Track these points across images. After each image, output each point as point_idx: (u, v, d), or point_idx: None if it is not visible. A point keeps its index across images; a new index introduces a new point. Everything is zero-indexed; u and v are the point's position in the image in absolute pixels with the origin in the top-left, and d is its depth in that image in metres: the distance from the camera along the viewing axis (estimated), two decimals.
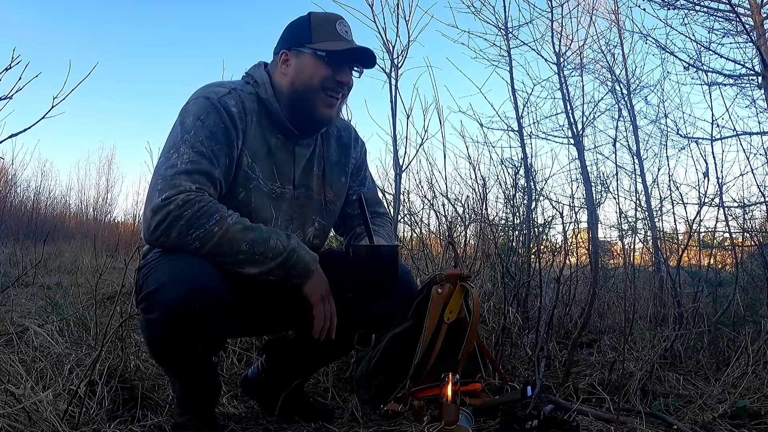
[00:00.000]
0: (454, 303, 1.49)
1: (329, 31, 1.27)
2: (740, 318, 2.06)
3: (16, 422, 1.15)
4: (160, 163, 1.15)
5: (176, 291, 1.06)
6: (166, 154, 1.16)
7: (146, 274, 1.14)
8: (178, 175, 1.11)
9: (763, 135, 2.96)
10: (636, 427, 1.32)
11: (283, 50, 1.29)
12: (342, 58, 1.26)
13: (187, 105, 1.21)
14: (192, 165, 1.13)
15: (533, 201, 2.97)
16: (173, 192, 1.09)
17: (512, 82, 3.03)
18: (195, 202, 1.09)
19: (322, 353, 1.46)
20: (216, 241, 1.10)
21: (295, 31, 1.30)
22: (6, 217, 7.19)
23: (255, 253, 1.12)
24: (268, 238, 1.14)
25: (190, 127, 1.17)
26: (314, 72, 1.25)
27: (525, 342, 2.06)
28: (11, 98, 1.25)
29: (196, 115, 1.18)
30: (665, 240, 3.27)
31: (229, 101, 1.20)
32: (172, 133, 1.19)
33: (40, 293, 3.18)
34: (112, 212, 11.33)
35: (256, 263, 1.13)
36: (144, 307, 1.12)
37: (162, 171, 1.13)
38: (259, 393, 1.53)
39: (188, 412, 1.24)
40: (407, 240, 3.26)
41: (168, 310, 1.07)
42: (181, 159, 1.13)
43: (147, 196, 1.13)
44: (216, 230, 1.10)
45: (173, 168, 1.12)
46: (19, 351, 1.65)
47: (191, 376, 1.23)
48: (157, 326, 1.10)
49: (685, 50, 3.16)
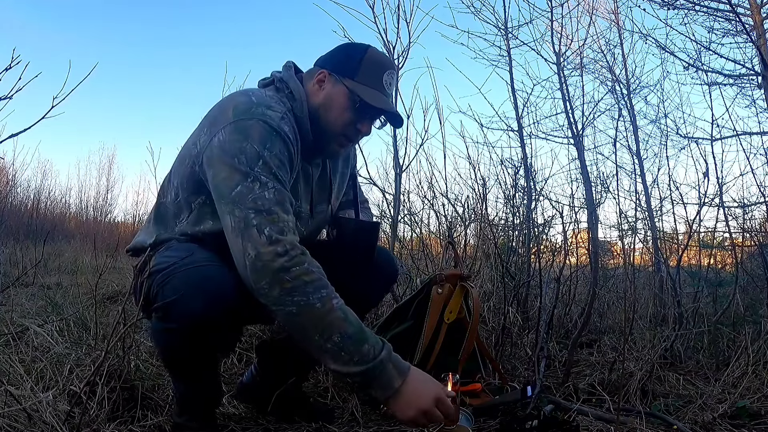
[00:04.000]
0: (454, 303, 1.49)
1: (375, 78, 1.25)
2: (740, 318, 2.06)
3: (16, 422, 1.15)
4: (240, 192, 1.07)
5: (199, 301, 1.05)
6: (243, 182, 1.07)
7: (162, 282, 1.10)
8: (272, 208, 1.07)
9: (763, 135, 2.96)
10: (636, 427, 1.32)
11: (324, 70, 1.26)
12: (371, 113, 1.27)
13: (244, 126, 1.11)
14: (279, 194, 1.09)
15: (533, 201, 2.96)
16: (275, 231, 1.04)
17: (512, 82, 3.03)
18: (304, 263, 1.05)
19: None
20: (313, 318, 1.03)
21: (345, 58, 1.27)
22: (6, 217, 7.19)
23: (342, 350, 1.03)
24: (363, 341, 1.05)
25: (260, 154, 1.10)
26: (340, 114, 1.24)
27: (525, 342, 2.06)
28: (11, 98, 1.24)
29: (261, 142, 1.10)
30: (665, 240, 3.27)
31: (285, 128, 1.16)
32: (233, 154, 1.09)
33: (40, 293, 3.18)
34: (112, 212, 11.37)
35: (338, 360, 1.04)
36: (161, 316, 1.10)
37: (250, 202, 1.06)
38: (257, 396, 1.51)
39: (188, 412, 1.25)
40: (407, 240, 3.26)
41: (190, 320, 1.06)
42: (266, 188, 1.07)
43: (234, 224, 1.06)
44: (318, 306, 1.03)
45: (262, 199, 1.06)
46: (19, 351, 1.65)
47: (199, 381, 1.23)
48: (177, 336, 1.10)
49: (685, 50, 3.17)
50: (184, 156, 1.24)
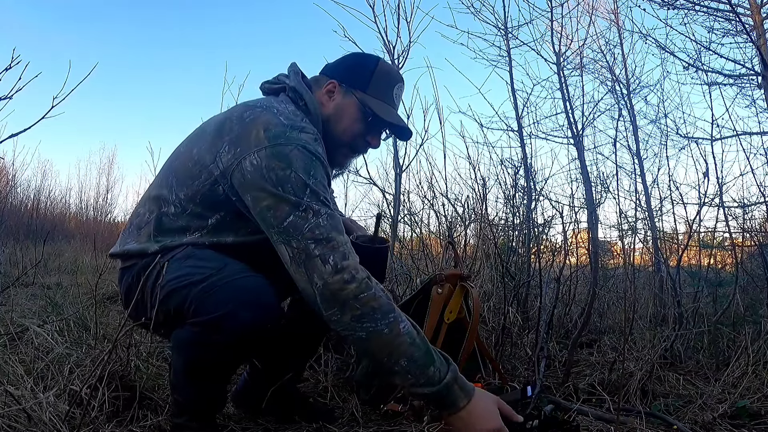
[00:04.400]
0: (454, 303, 1.49)
1: (386, 92, 1.27)
2: (740, 318, 2.06)
3: (16, 422, 1.15)
4: (293, 223, 1.06)
5: (248, 314, 1.06)
6: (295, 212, 1.07)
7: (202, 295, 1.08)
8: (329, 235, 1.07)
9: (763, 135, 2.96)
10: (636, 427, 1.32)
11: (334, 80, 1.26)
12: (382, 126, 1.28)
13: (283, 153, 1.09)
14: (332, 219, 1.09)
15: (533, 201, 2.97)
16: (339, 258, 1.06)
17: (512, 82, 3.03)
18: (371, 288, 1.07)
19: (308, 341, 1.47)
20: (381, 343, 1.07)
21: (356, 70, 1.28)
22: (6, 217, 7.18)
23: (410, 373, 1.08)
24: (429, 364, 1.09)
25: (306, 182, 1.09)
26: (350, 126, 1.26)
27: (525, 342, 2.06)
28: (11, 98, 1.24)
29: (305, 170, 1.10)
30: (665, 240, 3.26)
31: (320, 149, 1.16)
32: (276, 183, 1.08)
33: (40, 293, 3.18)
34: (112, 212, 11.35)
35: (406, 382, 1.09)
36: (203, 330, 1.09)
37: (307, 232, 1.06)
38: (250, 399, 1.49)
39: (188, 413, 1.23)
40: (407, 240, 3.26)
41: (241, 333, 1.07)
42: (320, 216, 1.08)
43: (293, 255, 1.06)
44: (386, 332, 1.07)
45: (319, 228, 1.07)
46: (19, 351, 1.65)
47: (215, 389, 1.22)
48: (221, 349, 1.10)
49: (685, 50, 3.17)
50: (192, 169, 1.18)
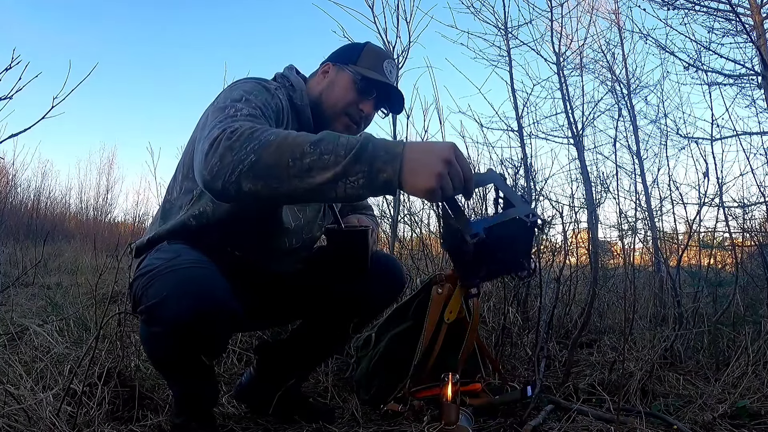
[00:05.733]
0: (454, 303, 1.49)
1: (375, 64, 1.32)
2: (740, 318, 2.06)
3: (16, 422, 1.15)
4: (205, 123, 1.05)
5: (181, 306, 1.02)
6: (220, 114, 1.04)
7: (146, 284, 1.08)
8: (236, 119, 1.02)
9: (763, 135, 2.96)
10: (636, 427, 1.32)
11: (328, 62, 1.34)
12: (373, 89, 1.30)
13: (234, 84, 1.16)
14: (253, 112, 1.07)
15: (533, 201, 2.97)
16: (228, 123, 0.99)
17: (512, 82, 3.04)
18: (244, 126, 0.97)
19: (319, 348, 1.47)
20: (274, 149, 0.91)
21: (347, 51, 1.35)
22: (6, 217, 7.18)
23: (323, 152, 0.90)
24: (335, 137, 0.93)
25: (244, 95, 1.10)
26: (343, 94, 1.29)
27: (525, 342, 2.06)
28: (11, 98, 1.25)
29: (248, 91, 1.12)
30: (665, 240, 3.26)
31: (279, 93, 1.21)
32: (215, 104, 1.10)
33: (40, 293, 3.18)
34: (112, 212, 11.35)
35: (327, 165, 0.90)
36: (146, 319, 1.08)
37: (214, 121, 1.02)
38: (255, 397, 1.50)
39: (185, 413, 1.24)
40: (407, 240, 3.25)
41: (172, 325, 1.03)
42: (240, 112, 1.04)
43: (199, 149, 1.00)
44: (272, 138, 0.93)
45: (230, 118, 1.02)
46: (19, 351, 1.65)
47: (191, 383, 1.21)
48: (162, 339, 1.08)
49: (685, 50, 3.18)
50: (188, 148, 1.25)
